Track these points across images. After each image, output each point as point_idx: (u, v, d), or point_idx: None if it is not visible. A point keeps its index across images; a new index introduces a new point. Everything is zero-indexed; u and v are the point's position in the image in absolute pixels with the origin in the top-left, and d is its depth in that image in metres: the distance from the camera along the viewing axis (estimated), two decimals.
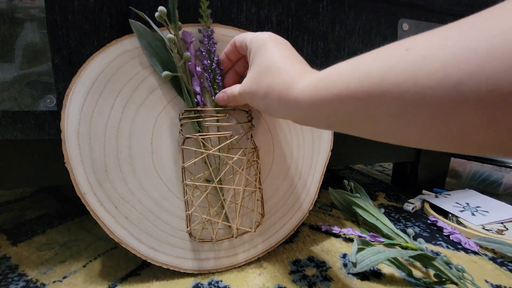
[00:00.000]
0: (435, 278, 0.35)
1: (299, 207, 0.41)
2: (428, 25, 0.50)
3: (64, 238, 0.44)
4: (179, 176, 0.34)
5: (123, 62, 0.31)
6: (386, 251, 0.35)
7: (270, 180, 0.39)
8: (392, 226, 0.43)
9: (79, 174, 0.31)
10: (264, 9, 0.38)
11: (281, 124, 0.39)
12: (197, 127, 0.34)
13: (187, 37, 0.32)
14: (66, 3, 0.31)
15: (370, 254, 0.35)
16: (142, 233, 0.33)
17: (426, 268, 0.37)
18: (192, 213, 0.34)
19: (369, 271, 0.37)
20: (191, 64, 0.33)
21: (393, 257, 0.36)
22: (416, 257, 0.36)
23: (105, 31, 0.33)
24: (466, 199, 0.57)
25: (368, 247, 0.37)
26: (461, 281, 0.33)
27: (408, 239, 0.40)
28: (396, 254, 0.35)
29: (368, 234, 0.42)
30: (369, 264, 0.34)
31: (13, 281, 0.34)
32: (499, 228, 0.46)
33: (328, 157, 0.42)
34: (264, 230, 0.39)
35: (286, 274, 0.36)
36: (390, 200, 0.61)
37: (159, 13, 0.30)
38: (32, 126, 0.34)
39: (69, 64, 0.33)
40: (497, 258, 0.40)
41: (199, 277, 0.35)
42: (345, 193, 0.49)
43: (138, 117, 0.33)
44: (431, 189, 0.65)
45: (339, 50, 0.44)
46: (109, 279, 0.34)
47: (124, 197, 0.32)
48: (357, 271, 0.35)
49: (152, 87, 0.33)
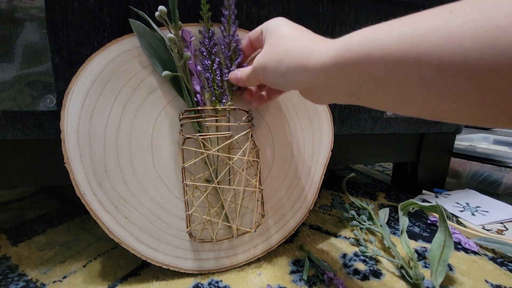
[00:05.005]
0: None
1: (299, 207, 0.41)
2: None
3: (64, 238, 0.44)
4: (179, 176, 0.34)
5: (123, 61, 0.31)
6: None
7: (270, 180, 0.39)
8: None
9: (79, 174, 0.31)
10: (264, 9, 0.38)
11: (282, 124, 0.39)
12: (197, 127, 0.34)
13: (186, 35, 0.32)
14: (66, 3, 0.31)
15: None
16: (142, 233, 0.33)
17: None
18: (192, 213, 0.34)
19: (369, 271, 0.37)
20: (191, 63, 0.33)
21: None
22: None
23: (105, 31, 0.33)
24: (466, 199, 0.57)
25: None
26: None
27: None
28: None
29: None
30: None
31: (13, 281, 0.34)
32: (499, 228, 0.46)
33: (328, 157, 0.42)
34: (264, 230, 0.39)
35: (286, 274, 0.36)
36: (390, 200, 0.61)
37: (159, 13, 0.30)
38: (32, 126, 0.34)
39: (69, 64, 0.33)
40: (497, 258, 0.40)
41: (199, 277, 0.35)
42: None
43: (138, 117, 0.33)
44: (431, 189, 0.65)
45: None
46: (109, 279, 0.34)
47: (124, 197, 0.32)
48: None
49: (152, 87, 0.33)
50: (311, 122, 0.40)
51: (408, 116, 0.51)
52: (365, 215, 0.48)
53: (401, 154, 0.62)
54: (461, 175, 0.73)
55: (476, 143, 0.83)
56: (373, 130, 0.52)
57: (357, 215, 0.48)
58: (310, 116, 0.40)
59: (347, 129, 0.50)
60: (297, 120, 0.39)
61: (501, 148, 0.78)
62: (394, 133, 0.58)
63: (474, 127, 0.96)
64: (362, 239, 0.42)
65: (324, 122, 0.41)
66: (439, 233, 0.36)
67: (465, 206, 0.53)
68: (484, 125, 0.16)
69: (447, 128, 0.60)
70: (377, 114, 0.51)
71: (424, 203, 0.40)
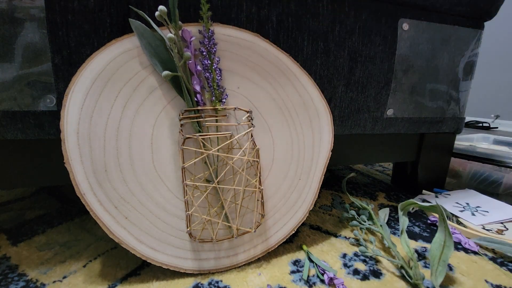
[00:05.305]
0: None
1: (299, 207, 0.41)
2: (429, 25, 0.50)
3: (64, 238, 0.44)
4: (179, 176, 0.34)
5: (123, 61, 0.31)
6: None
7: (270, 180, 0.39)
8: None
9: (79, 174, 0.31)
10: (264, 9, 0.38)
11: (282, 124, 0.39)
12: (197, 127, 0.34)
13: (186, 35, 0.32)
14: (66, 3, 0.31)
15: None
16: (142, 233, 0.33)
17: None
18: (192, 213, 0.34)
19: (369, 271, 0.37)
20: (191, 63, 0.33)
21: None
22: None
23: (105, 31, 0.33)
24: (466, 199, 0.57)
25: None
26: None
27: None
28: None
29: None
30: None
31: (13, 281, 0.34)
32: (499, 228, 0.46)
33: (328, 157, 0.42)
34: (264, 230, 0.39)
35: (286, 274, 0.36)
36: (390, 200, 0.61)
37: (160, 13, 0.30)
38: (32, 126, 0.34)
39: (69, 64, 0.33)
40: (497, 258, 0.40)
41: (199, 277, 0.35)
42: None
43: (138, 117, 0.33)
44: (431, 189, 0.65)
45: (339, 50, 0.44)
46: (109, 279, 0.34)
47: (124, 197, 0.32)
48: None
49: (152, 87, 0.33)
50: (311, 122, 0.40)
51: (408, 116, 0.51)
52: (365, 215, 0.48)
53: (401, 154, 0.62)
54: (461, 175, 0.73)
55: (476, 143, 0.83)
56: (373, 130, 0.52)
57: (357, 215, 0.48)
58: (310, 116, 0.40)
59: (347, 129, 0.50)
60: (297, 120, 0.39)
61: (501, 148, 0.78)
62: (394, 133, 0.59)
63: (474, 127, 0.96)
64: (362, 239, 0.42)
65: (324, 122, 0.41)
66: (439, 233, 0.36)
67: (465, 206, 0.53)
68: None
69: (447, 128, 0.60)
70: (377, 114, 0.51)
71: (424, 203, 0.40)
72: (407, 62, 0.50)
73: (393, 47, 0.48)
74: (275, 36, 0.40)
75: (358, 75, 0.47)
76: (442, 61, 0.53)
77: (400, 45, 0.49)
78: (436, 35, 0.51)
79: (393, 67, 0.49)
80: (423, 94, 0.54)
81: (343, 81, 0.46)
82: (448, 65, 0.54)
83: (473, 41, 0.55)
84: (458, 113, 0.59)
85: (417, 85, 0.53)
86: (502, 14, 1.61)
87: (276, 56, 0.37)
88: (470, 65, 0.57)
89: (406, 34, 0.49)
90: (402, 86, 0.51)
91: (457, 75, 0.56)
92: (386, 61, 0.49)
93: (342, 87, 0.46)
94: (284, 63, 0.38)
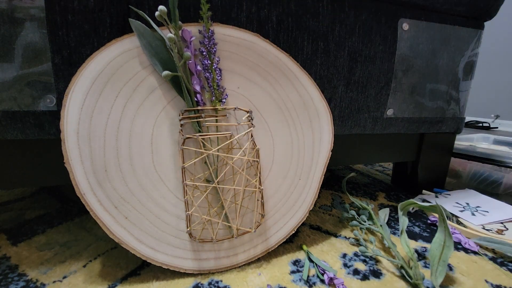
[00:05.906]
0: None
1: (299, 207, 0.41)
2: (429, 25, 0.50)
3: (64, 238, 0.44)
4: (179, 176, 0.34)
5: (123, 61, 0.31)
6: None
7: (270, 180, 0.39)
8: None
9: (79, 174, 0.31)
10: (264, 9, 0.38)
11: (282, 124, 0.39)
12: (197, 127, 0.34)
13: (186, 35, 0.32)
14: (66, 3, 0.31)
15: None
16: (142, 233, 0.33)
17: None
18: (192, 213, 0.34)
19: (369, 271, 0.37)
20: (191, 63, 0.33)
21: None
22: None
23: (105, 31, 0.33)
24: (466, 199, 0.57)
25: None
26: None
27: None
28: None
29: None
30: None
31: (13, 281, 0.34)
32: (499, 228, 0.46)
33: (328, 157, 0.42)
34: (264, 230, 0.39)
35: (286, 274, 0.36)
36: (390, 200, 0.61)
37: (159, 13, 0.30)
38: (32, 126, 0.34)
39: (69, 64, 0.33)
40: (497, 258, 0.40)
41: (199, 277, 0.35)
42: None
43: (138, 117, 0.33)
44: (431, 189, 0.65)
45: (339, 50, 0.44)
46: (109, 279, 0.34)
47: (124, 197, 0.32)
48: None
49: (152, 87, 0.33)
50: (311, 122, 0.40)
51: (408, 116, 0.51)
52: (365, 215, 0.48)
53: (401, 154, 0.62)
54: (461, 175, 0.73)
55: (476, 143, 0.83)
56: (373, 130, 0.52)
57: (357, 215, 0.48)
58: (310, 116, 0.40)
59: (347, 129, 0.50)
60: (297, 120, 0.39)
61: (501, 148, 0.78)
62: (394, 133, 0.59)
63: (474, 127, 0.96)
64: (362, 239, 0.42)
65: (324, 122, 0.41)
66: (439, 233, 0.36)
67: (465, 206, 0.53)
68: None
69: (447, 128, 0.60)
70: (377, 114, 0.51)
71: (424, 203, 0.40)
72: (407, 62, 0.50)
73: (393, 47, 0.48)
74: (275, 36, 0.40)
75: (358, 75, 0.47)
76: (442, 61, 0.53)
77: (400, 45, 0.49)
78: (436, 35, 0.51)
79: (393, 67, 0.49)
80: (423, 94, 0.54)
81: (343, 81, 0.46)
82: (448, 65, 0.54)
83: (473, 41, 0.55)
84: (458, 113, 0.59)
85: (417, 85, 0.53)
86: (502, 14, 1.61)
87: (276, 56, 0.37)
88: (470, 65, 0.57)
89: (406, 34, 0.49)
90: (402, 86, 0.51)
91: (457, 75, 0.56)
92: (386, 61, 0.49)
93: (342, 87, 0.46)
94: (284, 63, 0.38)
